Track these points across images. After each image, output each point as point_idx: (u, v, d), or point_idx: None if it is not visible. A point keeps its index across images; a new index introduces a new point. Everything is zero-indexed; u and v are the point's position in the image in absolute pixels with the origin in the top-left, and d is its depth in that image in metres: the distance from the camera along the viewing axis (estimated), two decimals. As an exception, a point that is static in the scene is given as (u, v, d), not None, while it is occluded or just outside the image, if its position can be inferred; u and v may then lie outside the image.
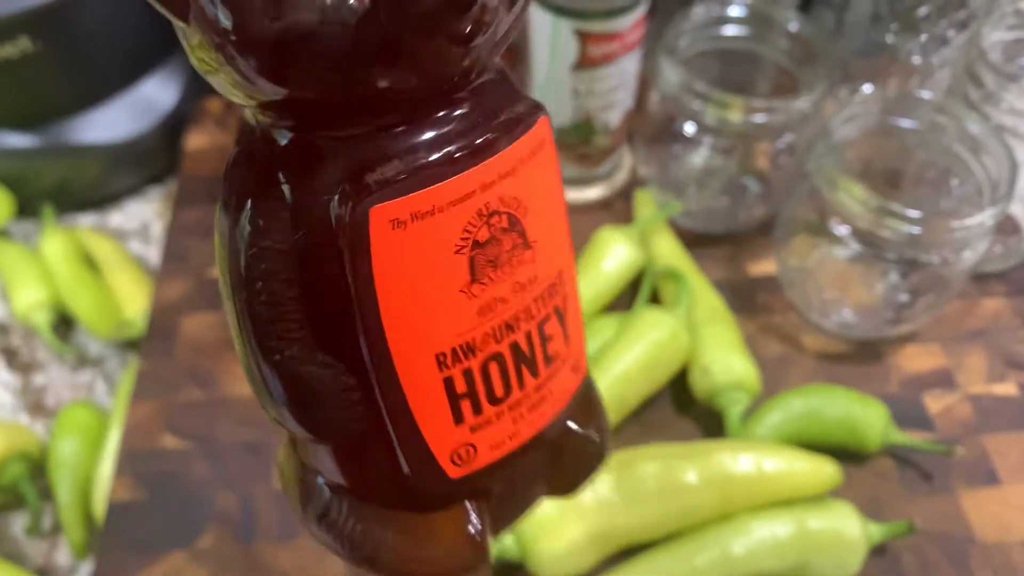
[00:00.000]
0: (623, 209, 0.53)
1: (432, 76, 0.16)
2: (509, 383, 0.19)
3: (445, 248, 0.17)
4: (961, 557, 0.39)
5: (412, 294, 0.17)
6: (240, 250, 0.17)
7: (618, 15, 0.43)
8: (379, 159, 0.16)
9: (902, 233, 0.39)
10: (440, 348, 0.18)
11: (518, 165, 0.17)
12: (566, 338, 0.20)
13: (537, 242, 0.18)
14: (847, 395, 0.41)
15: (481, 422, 0.19)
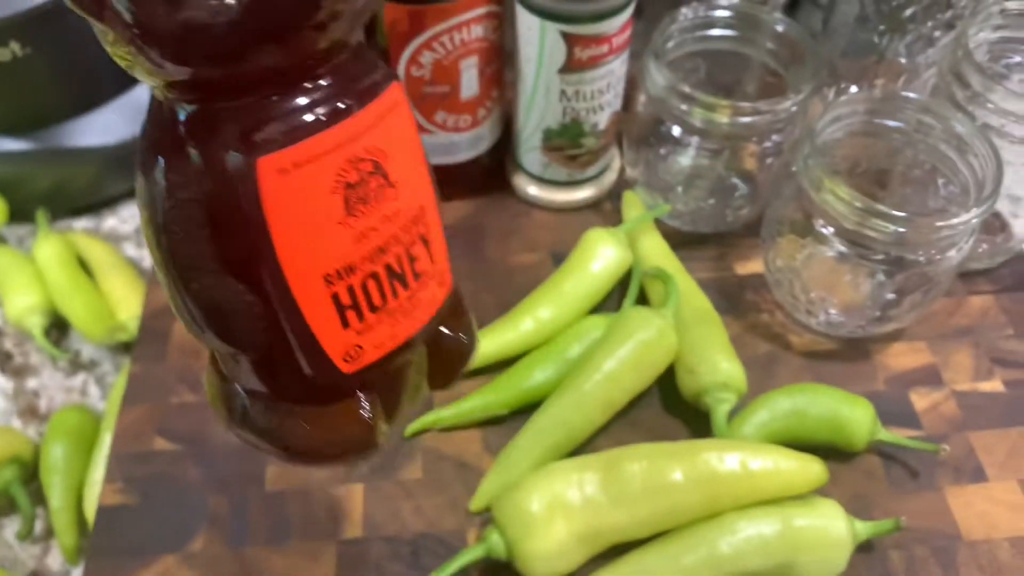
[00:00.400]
0: (612, 210, 0.53)
1: (298, 55, 0.20)
2: (385, 295, 0.24)
3: (322, 189, 0.21)
4: (948, 554, 0.39)
5: (299, 227, 0.21)
6: (158, 202, 0.22)
7: (605, 18, 0.43)
8: (263, 122, 0.21)
9: (887, 233, 0.39)
10: (326, 270, 0.22)
11: (377, 121, 0.22)
12: (431, 259, 0.25)
13: (399, 182, 0.23)
14: (833, 394, 0.41)
15: (364, 327, 0.23)
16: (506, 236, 0.52)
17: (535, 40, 0.44)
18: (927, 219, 0.39)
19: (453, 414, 0.43)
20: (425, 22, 0.43)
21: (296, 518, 0.40)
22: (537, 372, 0.43)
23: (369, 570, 0.39)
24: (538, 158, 0.51)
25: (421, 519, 0.40)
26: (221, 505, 0.41)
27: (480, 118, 0.50)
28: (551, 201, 0.53)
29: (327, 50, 0.21)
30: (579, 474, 0.37)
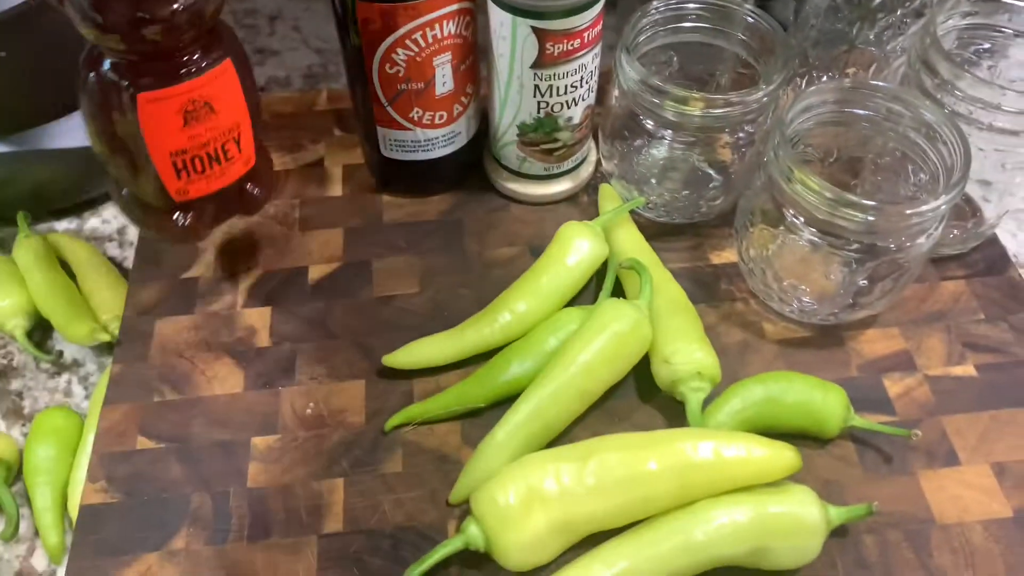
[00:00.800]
0: (589, 203, 0.53)
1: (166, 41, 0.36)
2: (204, 167, 0.41)
3: (171, 112, 0.38)
4: (921, 538, 0.40)
5: (157, 128, 0.38)
6: (89, 111, 0.39)
7: (576, 13, 0.43)
8: (145, 74, 0.37)
9: (858, 222, 0.40)
10: (170, 150, 0.39)
11: (210, 80, 0.38)
12: (239, 150, 0.42)
13: (220, 111, 0.40)
14: (806, 380, 0.42)
15: (190, 181, 0.41)
16: (485, 230, 0.52)
17: (507, 36, 0.45)
18: (897, 207, 0.39)
19: (431, 407, 0.43)
20: (397, 20, 0.43)
21: (277, 514, 0.41)
22: (514, 365, 0.43)
23: (350, 564, 0.39)
24: (514, 153, 0.51)
25: (401, 512, 0.41)
26: (203, 503, 0.41)
27: (456, 114, 0.50)
28: (528, 195, 0.53)
29: (184, 40, 0.37)
30: (555, 465, 0.38)
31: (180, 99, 0.38)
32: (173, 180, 0.40)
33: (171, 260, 0.51)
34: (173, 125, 0.38)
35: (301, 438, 0.43)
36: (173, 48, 0.36)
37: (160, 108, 0.37)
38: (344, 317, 0.48)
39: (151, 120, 0.38)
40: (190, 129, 0.39)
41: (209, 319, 0.48)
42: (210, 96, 0.38)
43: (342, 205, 0.54)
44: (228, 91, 0.39)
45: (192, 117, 0.38)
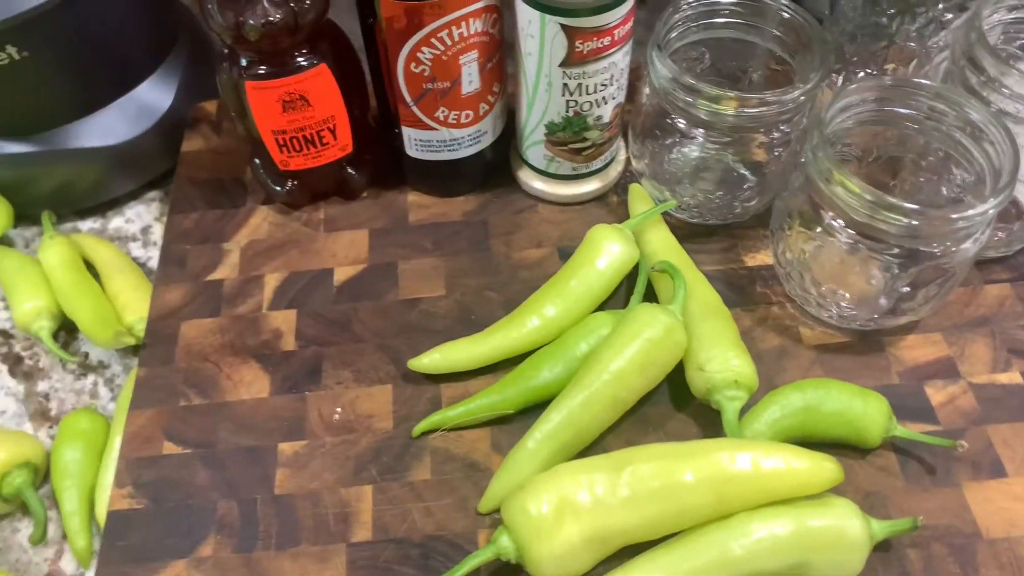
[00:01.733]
0: (618, 203, 0.52)
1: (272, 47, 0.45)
2: (301, 147, 0.49)
3: (272, 100, 0.46)
4: (967, 552, 0.38)
5: (264, 111, 0.47)
6: (222, 90, 0.48)
7: (606, 10, 0.42)
8: (254, 67, 0.46)
9: (900, 226, 0.38)
10: (272, 128, 0.48)
11: (305, 79, 0.46)
12: (334, 138, 0.49)
13: (315, 103, 0.47)
14: (846, 388, 0.41)
15: (291, 155, 0.50)
16: (511, 231, 0.51)
17: (535, 34, 0.43)
18: (941, 212, 0.38)
19: (460, 413, 0.42)
20: (423, 18, 0.42)
21: (305, 521, 0.40)
22: (544, 371, 0.43)
23: (380, 573, 0.39)
24: (542, 152, 0.50)
25: (430, 521, 0.40)
26: (230, 509, 0.41)
27: (482, 113, 0.49)
28: (556, 195, 0.52)
29: (284, 45, 0.45)
30: (588, 475, 0.37)
31: (278, 91, 0.46)
32: (277, 152, 0.49)
33: (196, 262, 0.51)
34: (274, 110, 0.46)
35: (329, 444, 0.43)
36: (275, 50, 0.44)
37: (263, 95, 0.46)
38: (370, 320, 0.48)
39: (257, 103, 0.46)
40: (288, 115, 0.47)
41: (234, 322, 0.48)
42: (305, 91, 0.46)
43: (367, 206, 0.53)
44: (323, 89, 0.46)
45: (290, 106, 0.46)
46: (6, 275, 0.52)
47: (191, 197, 0.54)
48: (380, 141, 0.53)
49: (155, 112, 0.56)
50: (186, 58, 0.58)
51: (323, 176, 0.52)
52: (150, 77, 0.56)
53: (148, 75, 0.56)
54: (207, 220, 0.53)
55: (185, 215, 0.53)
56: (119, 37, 0.53)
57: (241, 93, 0.46)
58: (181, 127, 0.58)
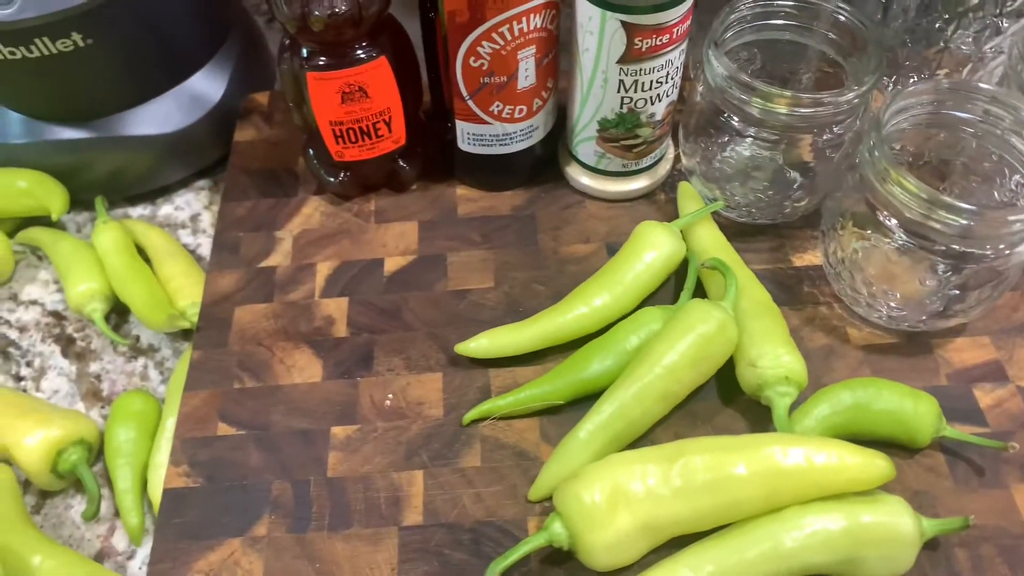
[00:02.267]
0: (666, 201, 0.53)
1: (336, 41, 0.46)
2: (357, 138, 0.50)
3: (332, 91, 0.47)
4: (1017, 554, 0.39)
5: (323, 101, 0.48)
6: (283, 80, 0.49)
7: (666, 8, 0.42)
8: (316, 58, 0.46)
9: (954, 226, 0.39)
10: (330, 119, 0.49)
11: (364, 71, 0.47)
12: (389, 131, 0.50)
13: (373, 96, 0.48)
14: (897, 388, 0.41)
15: (345, 147, 0.51)
16: (559, 226, 0.52)
17: (595, 30, 0.44)
18: (998, 212, 0.38)
19: (510, 403, 0.43)
20: (486, 12, 0.43)
21: (358, 504, 0.41)
22: (595, 363, 0.43)
23: (431, 556, 0.39)
24: (593, 148, 0.51)
25: (481, 507, 0.41)
26: (284, 490, 0.42)
27: (535, 108, 0.49)
28: (605, 191, 0.52)
29: (346, 37, 0.45)
30: (641, 465, 0.37)
31: (339, 82, 0.46)
32: (332, 143, 0.50)
33: (249, 249, 0.52)
34: (333, 101, 0.47)
35: (380, 429, 0.43)
36: (337, 42, 0.45)
37: (323, 86, 0.47)
38: (420, 309, 0.48)
39: (317, 93, 0.47)
40: (347, 106, 0.48)
41: (287, 308, 0.49)
42: (364, 83, 0.47)
43: (416, 198, 0.54)
44: (382, 82, 0.47)
45: (348, 97, 0.47)
46: (61, 258, 0.53)
47: (244, 186, 0.55)
48: (431, 135, 0.54)
49: (207, 102, 0.57)
50: (238, 50, 0.59)
51: (375, 168, 0.53)
52: (203, 68, 0.57)
53: (201, 66, 0.57)
54: (260, 208, 0.54)
55: (238, 203, 0.54)
56: (176, 28, 0.54)
57: (301, 83, 0.47)
58: (232, 117, 0.59)
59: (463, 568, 0.39)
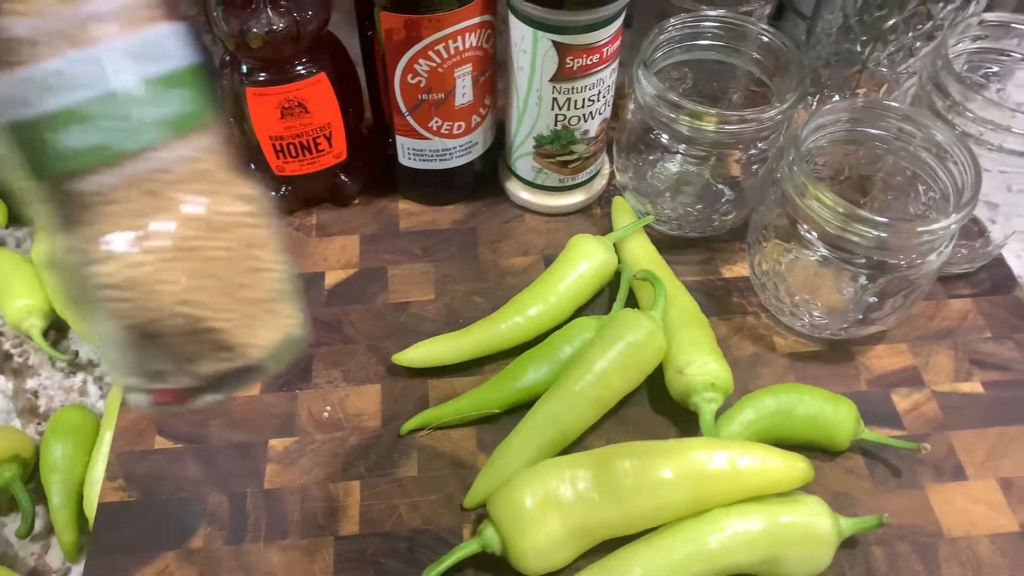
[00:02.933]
0: (602, 215, 0.54)
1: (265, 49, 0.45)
2: (297, 153, 0.50)
3: (271, 106, 0.48)
4: (930, 551, 0.40)
5: (263, 116, 0.48)
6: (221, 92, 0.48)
7: (596, 28, 0.44)
8: (255, 74, 0.47)
9: (870, 238, 0.40)
10: (270, 134, 0.49)
11: (303, 87, 0.47)
12: (330, 145, 0.51)
13: (313, 111, 0.48)
14: (818, 393, 0.42)
15: (285, 161, 0.51)
16: (499, 240, 0.53)
17: (528, 49, 0.45)
18: (908, 224, 0.40)
19: (447, 412, 0.44)
20: (421, 31, 0.44)
21: (294, 515, 0.41)
22: (530, 372, 0.44)
23: (366, 565, 0.40)
24: (530, 164, 0.52)
25: (417, 516, 0.41)
26: (220, 503, 0.42)
27: (474, 125, 0.51)
28: (543, 206, 0.54)
29: (284, 54, 0.46)
30: (571, 471, 0.38)
31: (278, 97, 0.47)
32: (273, 158, 0.51)
33: (189, 263, 0.52)
34: (273, 116, 0.48)
35: (318, 441, 0.44)
36: (276, 58, 0.46)
37: (262, 101, 0.47)
38: (360, 322, 0.49)
39: (256, 109, 0.48)
40: (286, 121, 0.48)
41: (226, 322, 0.49)
42: (304, 99, 0.48)
43: (358, 212, 0.55)
44: (321, 97, 0.48)
45: (288, 113, 0.48)
46: (-2, 273, 0.53)
47: (185, 200, 0.55)
48: (373, 150, 0.55)
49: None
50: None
51: (317, 182, 0.53)
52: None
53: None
54: (200, 223, 0.54)
55: (179, 218, 0.54)
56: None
57: (241, 99, 0.48)
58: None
59: (398, 576, 0.39)
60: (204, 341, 0.24)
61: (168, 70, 0.23)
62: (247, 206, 0.24)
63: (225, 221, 0.24)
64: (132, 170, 0.22)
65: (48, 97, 0.21)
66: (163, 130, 0.22)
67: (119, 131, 0.22)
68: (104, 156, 0.22)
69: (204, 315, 0.24)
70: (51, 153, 0.22)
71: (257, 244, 0.24)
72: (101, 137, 0.22)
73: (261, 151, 0.50)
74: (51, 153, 0.22)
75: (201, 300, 0.23)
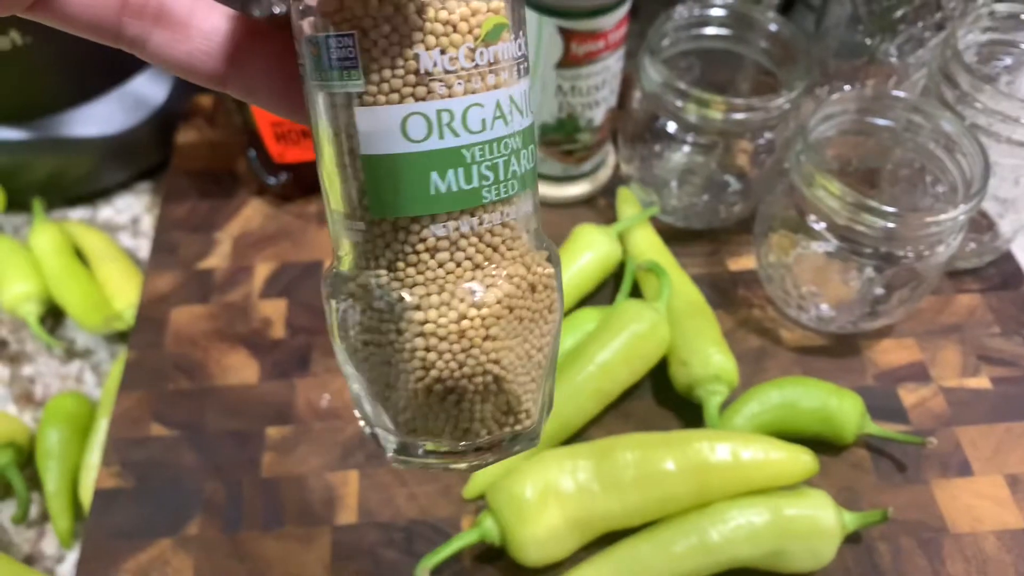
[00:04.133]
0: (606, 206, 0.54)
1: None
2: (299, 138, 0.50)
3: None
4: (934, 546, 0.40)
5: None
6: None
7: (602, 14, 0.43)
8: None
9: (877, 228, 0.40)
10: (273, 120, 0.48)
11: None
12: None
13: None
14: (823, 387, 0.42)
15: (287, 147, 0.50)
16: (501, 230, 0.52)
17: (533, 35, 0.45)
18: (916, 214, 0.40)
19: (448, 403, 0.43)
20: (425, 15, 0.44)
21: (291, 504, 0.41)
22: (531, 363, 0.43)
23: (363, 555, 0.39)
24: (534, 153, 0.51)
25: (415, 506, 0.41)
26: (216, 491, 0.41)
27: (477, 112, 0.50)
28: (546, 196, 0.53)
29: None
30: (572, 461, 0.38)
31: None
32: (273, 144, 0.50)
33: (187, 250, 0.52)
34: None
35: (316, 429, 0.43)
36: None
37: None
38: (360, 311, 0.48)
39: None
40: None
41: (224, 309, 0.48)
42: None
43: (359, 201, 0.54)
44: None
45: None
46: (-5, 259, 0.52)
47: (184, 187, 0.55)
48: None
49: (149, 104, 0.57)
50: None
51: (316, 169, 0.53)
52: (147, 69, 0.57)
53: (145, 67, 0.57)
54: (200, 210, 0.54)
55: (178, 204, 0.54)
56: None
57: None
58: (174, 121, 0.59)
59: (395, 566, 0.39)
60: (497, 403, 0.24)
61: (530, 123, 0.22)
62: (552, 267, 0.24)
63: (536, 282, 0.23)
64: (488, 219, 0.22)
65: (445, 134, 0.21)
66: (520, 184, 0.22)
67: (491, 180, 0.22)
68: (470, 203, 0.21)
69: (507, 376, 0.23)
70: (420, 191, 0.21)
71: (553, 309, 0.24)
72: (475, 183, 0.21)
73: (261, 138, 0.50)
74: (420, 191, 0.21)
75: (508, 360, 0.23)
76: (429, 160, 0.21)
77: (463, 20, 0.21)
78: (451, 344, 0.22)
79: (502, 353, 0.23)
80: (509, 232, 0.22)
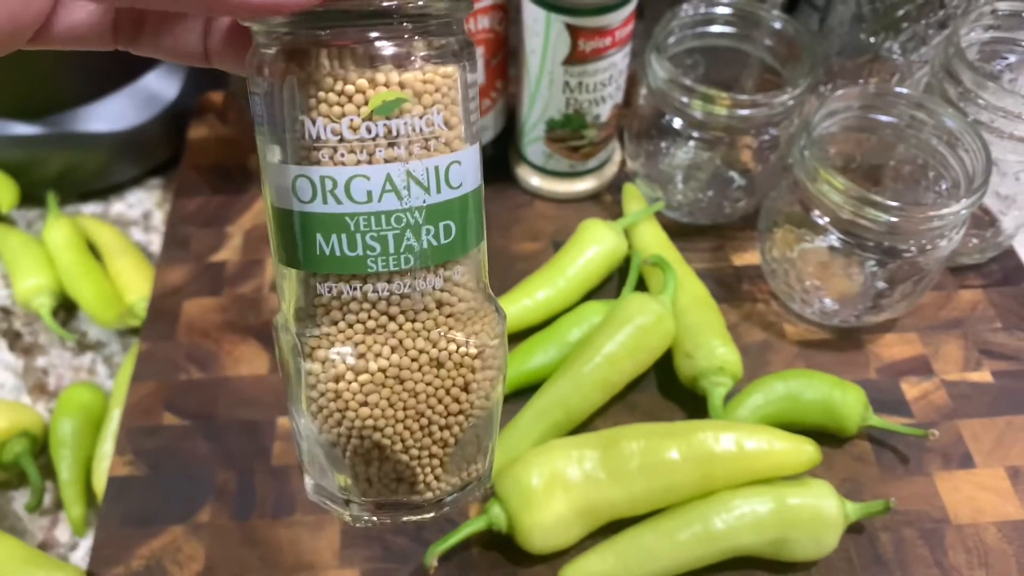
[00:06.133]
0: (612, 202, 0.54)
1: None
2: None
3: None
4: (936, 537, 0.40)
5: None
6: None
7: (609, 11, 0.44)
8: None
9: (880, 222, 0.40)
10: None
11: None
12: None
13: None
14: (826, 379, 0.42)
15: None
16: (509, 225, 0.53)
17: (540, 31, 0.46)
18: (919, 209, 0.40)
19: (455, 395, 0.44)
20: (434, 12, 0.44)
21: (301, 492, 0.41)
22: (538, 354, 0.44)
23: (372, 542, 0.40)
24: (541, 149, 0.52)
25: (423, 495, 0.41)
26: (228, 479, 0.42)
27: (484, 108, 0.51)
28: (553, 192, 0.54)
29: None
30: (579, 451, 0.38)
31: None
32: None
33: (199, 244, 0.52)
34: None
35: (326, 419, 0.44)
36: None
37: None
38: (369, 304, 0.49)
39: None
40: None
41: (236, 302, 0.49)
42: None
43: (368, 196, 0.55)
44: None
45: None
46: (9, 252, 0.53)
47: (196, 182, 0.56)
48: None
49: (161, 100, 0.57)
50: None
51: None
52: (159, 66, 0.58)
53: (157, 64, 0.58)
54: (211, 205, 0.54)
55: (189, 199, 0.55)
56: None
57: None
58: (186, 117, 0.60)
59: (405, 553, 0.39)
60: (383, 470, 0.24)
61: (445, 199, 0.22)
62: (474, 348, 0.24)
63: (445, 360, 0.24)
64: (377, 288, 0.22)
65: (329, 200, 0.22)
66: (418, 259, 0.22)
67: (379, 251, 0.22)
68: (356, 269, 0.22)
69: (392, 445, 0.24)
70: (309, 250, 0.22)
71: (470, 390, 0.24)
72: (359, 251, 0.22)
73: None
74: (309, 250, 0.22)
75: (393, 431, 0.24)
76: (314, 222, 0.22)
77: (359, 92, 0.21)
78: (328, 401, 0.23)
79: (382, 422, 0.23)
80: (409, 304, 0.23)
